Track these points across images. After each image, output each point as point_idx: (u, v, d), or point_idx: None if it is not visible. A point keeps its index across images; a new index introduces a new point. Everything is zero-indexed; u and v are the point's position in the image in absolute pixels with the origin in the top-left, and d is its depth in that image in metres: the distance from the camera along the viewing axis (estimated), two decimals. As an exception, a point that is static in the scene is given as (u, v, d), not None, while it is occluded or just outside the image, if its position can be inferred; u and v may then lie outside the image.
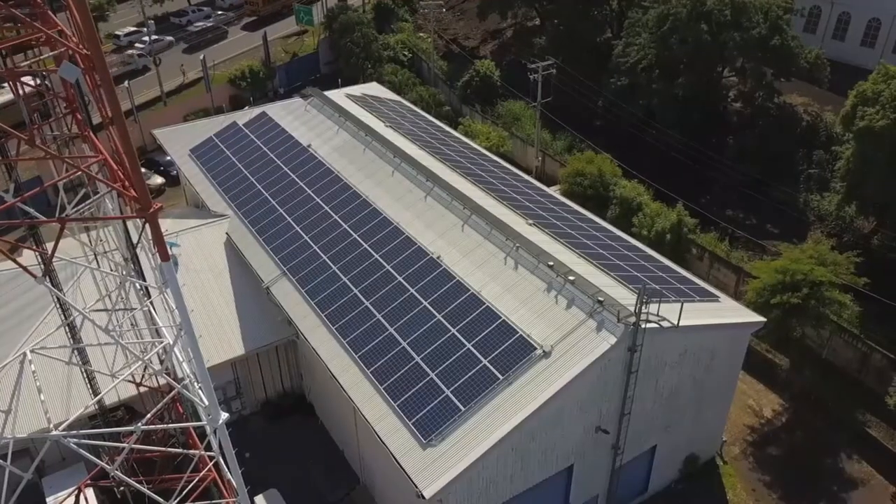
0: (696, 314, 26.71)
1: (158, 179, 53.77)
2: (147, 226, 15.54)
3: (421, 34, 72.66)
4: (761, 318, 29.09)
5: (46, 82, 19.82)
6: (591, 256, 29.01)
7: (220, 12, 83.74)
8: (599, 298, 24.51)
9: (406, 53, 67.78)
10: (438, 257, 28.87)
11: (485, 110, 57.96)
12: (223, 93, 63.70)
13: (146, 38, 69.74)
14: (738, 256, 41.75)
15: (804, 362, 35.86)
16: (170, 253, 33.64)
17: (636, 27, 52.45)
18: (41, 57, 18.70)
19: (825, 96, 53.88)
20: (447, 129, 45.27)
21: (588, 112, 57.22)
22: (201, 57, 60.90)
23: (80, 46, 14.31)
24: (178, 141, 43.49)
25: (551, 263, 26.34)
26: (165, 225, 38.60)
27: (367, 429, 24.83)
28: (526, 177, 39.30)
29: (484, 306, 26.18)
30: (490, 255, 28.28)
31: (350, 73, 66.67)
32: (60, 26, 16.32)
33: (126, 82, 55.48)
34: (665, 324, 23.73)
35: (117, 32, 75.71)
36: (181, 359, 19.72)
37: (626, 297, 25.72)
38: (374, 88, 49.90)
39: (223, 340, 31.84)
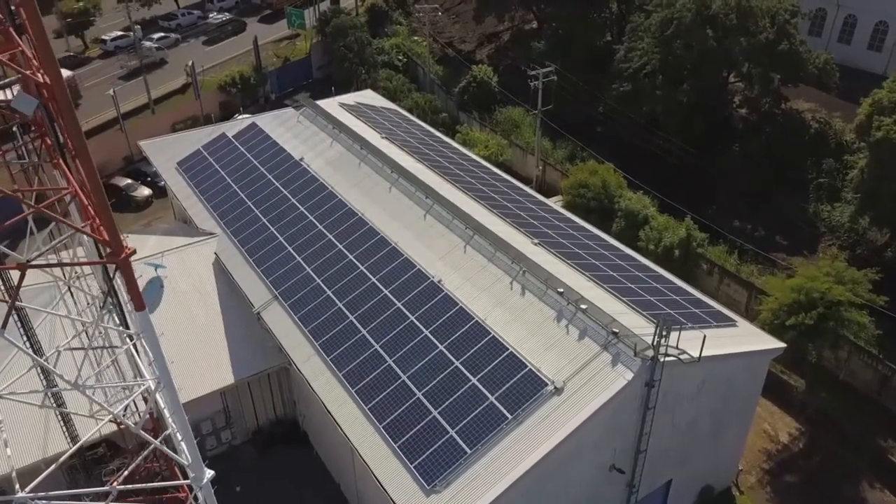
0: (715, 342, 25.04)
1: (146, 191, 51.98)
2: (120, 272, 13.83)
3: (416, 38, 71.00)
4: (781, 344, 27.51)
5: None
6: (601, 279, 27.38)
7: (213, 13, 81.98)
8: (614, 329, 22.88)
9: (401, 58, 66.10)
10: (440, 281, 27.21)
11: (483, 117, 56.32)
12: (213, 99, 61.92)
13: (158, 34, 71.96)
14: (748, 271, 40.21)
15: (820, 384, 34.33)
16: (155, 274, 31.62)
17: (638, 31, 50.87)
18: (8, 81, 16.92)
19: (832, 102, 52.43)
20: (445, 138, 43.62)
21: (589, 118, 55.69)
22: (189, 63, 59.04)
23: (40, 74, 12.57)
24: (165, 153, 41.68)
25: (561, 290, 24.69)
26: (151, 242, 36.86)
27: (365, 467, 23.14)
28: (528, 190, 37.66)
29: (490, 336, 24.52)
30: (495, 278, 26.62)
31: (344, 79, 64.97)
32: (22, 47, 14.57)
33: (112, 90, 53.58)
34: (685, 357, 22.11)
35: (104, 37, 73.78)
36: (163, 406, 18.04)
37: (640, 325, 24.11)
38: (368, 96, 48.20)
39: (212, 368, 30.10)
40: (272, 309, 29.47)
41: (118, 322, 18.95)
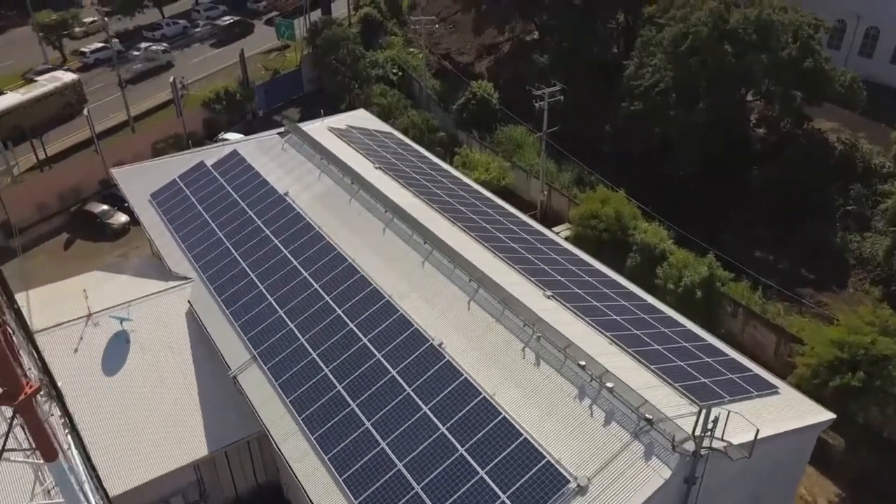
0: (761, 419, 21.73)
1: (122, 217, 48.48)
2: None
3: (412, 49, 67.55)
4: (830, 416, 24.12)
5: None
6: (624, 341, 24.00)
7: (201, 23, 78.61)
8: (647, 416, 19.50)
9: (395, 72, 62.66)
10: (441, 345, 23.80)
11: (483, 137, 52.90)
12: (196, 117, 58.40)
13: (145, 44, 71.12)
14: (774, 310, 36.83)
15: (862, 442, 30.98)
16: (121, 328, 28.06)
17: (649, 47, 47.53)
18: None
19: (856, 120, 49.14)
20: (443, 165, 40.18)
21: (594, 136, 52.43)
22: (171, 79, 55.56)
23: None
24: (139, 182, 38.23)
25: (583, 363, 21.29)
26: (118, 284, 33.43)
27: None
28: (536, 225, 34.26)
29: (500, 417, 21.11)
30: (504, 344, 23.20)
31: (336, 94, 61.69)
32: None
33: (85, 109, 50.04)
34: (734, 453, 18.74)
35: (83, 49, 70.36)
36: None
37: (675, 404, 20.75)
38: (360, 117, 44.74)
39: (184, 437, 26.64)
40: (250, 373, 26.03)
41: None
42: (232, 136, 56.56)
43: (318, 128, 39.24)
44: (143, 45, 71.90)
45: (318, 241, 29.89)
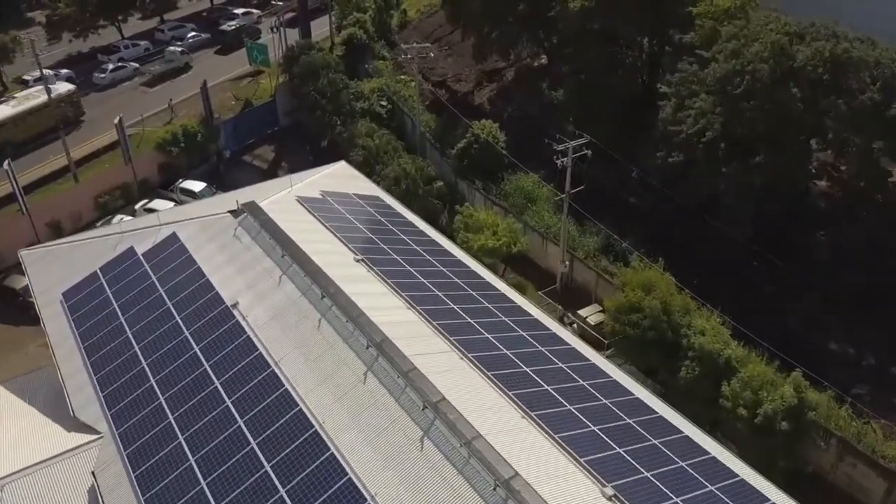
0: None
1: (51, 294, 39.77)
2: None
3: (402, 76, 59.03)
4: None
5: None
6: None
7: (180, 43, 69.88)
8: None
9: (384, 104, 54.17)
10: None
11: (487, 187, 44.47)
12: (151, 161, 49.87)
13: (111, 66, 64.46)
14: (873, 437, 28.61)
15: None
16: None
17: (691, 84, 39.23)
18: None
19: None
20: (441, 242, 31.55)
21: (620, 186, 44.41)
22: (115, 121, 46.85)
23: None
24: (51, 272, 29.60)
25: None
26: (15, 424, 24.80)
27: None
28: (572, 341, 25.88)
29: None
30: None
31: (315, 131, 53.46)
32: None
33: (6, 162, 41.18)
34: None
35: (26, 77, 61.73)
36: None
37: None
38: (339, 175, 35.99)
39: None
40: None
41: None
42: (192, 185, 48.27)
43: (283, 199, 30.71)
44: (106, 67, 63.59)
45: (273, 387, 21.34)
